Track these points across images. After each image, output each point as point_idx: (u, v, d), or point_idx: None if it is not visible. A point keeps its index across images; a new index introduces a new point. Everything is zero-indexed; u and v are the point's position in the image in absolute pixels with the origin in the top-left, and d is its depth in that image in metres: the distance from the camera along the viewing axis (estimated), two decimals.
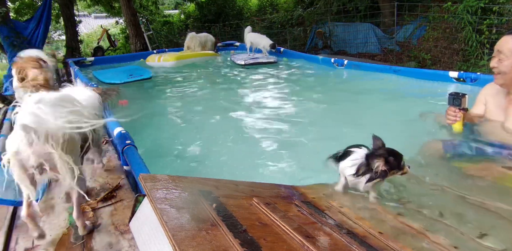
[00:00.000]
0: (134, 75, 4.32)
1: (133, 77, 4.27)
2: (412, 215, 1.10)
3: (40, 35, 6.21)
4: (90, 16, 15.64)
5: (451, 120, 1.83)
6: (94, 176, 1.66)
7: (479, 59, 5.08)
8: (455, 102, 1.86)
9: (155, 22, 10.48)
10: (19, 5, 8.55)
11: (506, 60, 1.59)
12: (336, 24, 7.92)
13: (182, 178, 1.13)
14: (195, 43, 6.01)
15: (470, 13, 5.05)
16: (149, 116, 2.89)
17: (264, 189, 1.23)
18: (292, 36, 8.56)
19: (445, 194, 1.30)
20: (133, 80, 4.20)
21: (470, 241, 0.96)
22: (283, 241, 0.87)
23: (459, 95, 1.85)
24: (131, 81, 4.17)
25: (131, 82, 4.14)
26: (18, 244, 1.16)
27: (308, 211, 1.07)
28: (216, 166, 1.92)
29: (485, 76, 2.74)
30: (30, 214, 1.09)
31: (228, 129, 2.55)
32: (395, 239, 0.95)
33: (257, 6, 11.11)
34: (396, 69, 3.47)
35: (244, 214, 0.97)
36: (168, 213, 0.88)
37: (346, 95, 3.17)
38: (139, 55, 6.30)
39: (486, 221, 1.10)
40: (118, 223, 1.23)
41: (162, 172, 1.62)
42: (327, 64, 4.34)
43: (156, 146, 2.22)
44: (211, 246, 0.78)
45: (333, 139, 2.18)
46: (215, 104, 3.20)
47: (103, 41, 10.43)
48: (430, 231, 0.99)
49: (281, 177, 1.73)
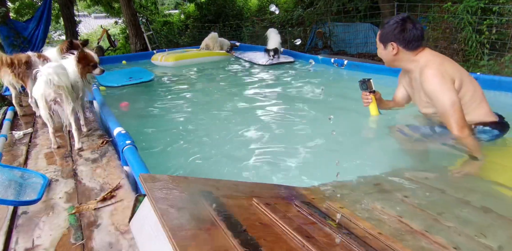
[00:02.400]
0: (133, 78, 4.25)
1: (132, 80, 4.20)
2: (412, 215, 1.11)
3: (40, 35, 6.22)
4: (90, 16, 15.66)
5: (366, 103, 2.14)
6: (94, 176, 1.66)
7: (479, 59, 5.08)
8: (363, 87, 2.19)
9: (155, 22, 10.48)
10: (19, 5, 8.56)
11: (378, 48, 1.94)
12: (336, 24, 7.92)
13: (182, 178, 1.13)
14: (214, 44, 5.91)
15: (470, 13, 5.05)
16: (149, 116, 2.89)
17: (264, 190, 1.23)
18: (292, 36, 8.56)
19: (443, 193, 1.31)
20: (131, 83, 4.12)
21: (470, 241, 0.96)
22: (283, 241, 0.87)
23: (365, 80, 2.17)
24: (128, 84, 4.10)
25: (129, 85, 4.07)
26: (18, 244, 1.16)
27: (308, 212, 1.07)
28: (216, 166, 1.92)
29: (485, 76, 2.74)
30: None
31: (228, 129, 2.55)
32: (394, 239, 0.95)
33: (257, 6, 11.11)
34: (396, 70, 3.46)
35: (244, 214, 0.97)
36: (168, 213, 0.88)
37: (346, 96, 3.17)
38: (140, 55, 6.32)
39: (485, 221, 1.10)
40: (118, 223, 1.23)
41: (162, 172, 1.63)
42: (327, 65, 4.35)
43: (157, 146, 2.22)
44: (211, 246, 0.78)
45: (333, 138, 2.18)
46: (216, 104, 3.20)
47: (103, 41, 10.43)
48: (430, 231, 1.00)
49: (281, 177, 1.73)
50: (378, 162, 1.81)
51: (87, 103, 2.70)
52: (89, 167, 1.77)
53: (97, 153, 1.94)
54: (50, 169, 1.76)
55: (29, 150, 2.05)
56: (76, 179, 1.64)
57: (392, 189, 1.36)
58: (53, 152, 2.00)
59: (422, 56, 1.81)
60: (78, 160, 1.87)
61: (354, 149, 2.00)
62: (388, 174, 1.55)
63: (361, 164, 1.81)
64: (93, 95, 2.77)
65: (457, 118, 1.65)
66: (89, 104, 2.84)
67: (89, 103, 2.90)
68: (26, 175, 1.61)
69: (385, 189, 1.36)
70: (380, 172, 1.58)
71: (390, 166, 1.69)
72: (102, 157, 1.88)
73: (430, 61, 1.76)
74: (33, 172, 1.65)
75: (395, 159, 1.82)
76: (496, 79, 2.71)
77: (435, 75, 1.70)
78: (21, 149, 2.06)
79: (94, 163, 1.81)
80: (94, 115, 2.60)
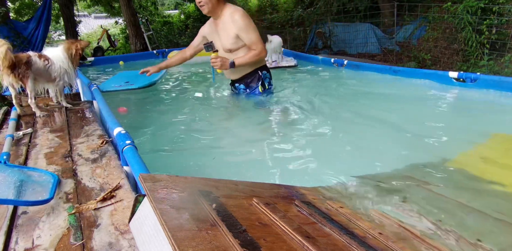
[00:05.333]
0: (130, 83, 3.84)
1: (127, 85, 3.76)
2: (412, 218, 1.11)
3: (40, 35, 6.22)
4: (90, 16, 15.66)
5: (215, 65, 2.60)
6: (93, 176, 1.66)
7: (479, 60, 5.09)
8: (209, 49, 2.59)
9: (155, 22, 10.48)
10: (19, 5, 8.56)
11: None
12: (336, 24, 7.92)
13: (182, 178, 1.13)
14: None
15: (470, 14, 5.05)
16: (149, 116, 2.89)
17: (264, 189, 1.23)
18: (292, 36, 8.56)
19: (444, 194, 1.30)
20: (124, 89, 3.69)
21: (470, 246, 0.96)
22: (283, 241, 0.87)
23: (209, 43, 2.61)
24: (121, 90, 3.68)
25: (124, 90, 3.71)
26: (18, 244, 1.16)
27: (308, 211, 1.07)
28: (216, 166, 1.92)
29: (485, 76, 2.74)
30: None
31: (228, 129, 2.55)
32: (395, 239, 0.95)
33: (257, 6, 11.10)
34: (396, 70, 3.47)
35: (244, 214, 0.97)
36: (167, 213, 0.88)
37: (346, 96, 3.17)
38: (139, 55, 6.29)
39: (485, 224, 1.10)
40: (118, 223, 1.23)
41: (162, 172, 1.63)
42: (327, 65, 4.34)
43: (157, 146, 2.21)
44: (211, 246, 0.78)
45: (333, 139, 2.18)
46: (216, 105, 3.20)
47: (103, 41, 10.43)
48: (429, 234, 0.99)
49: (281, 177, 1.73)
50: (378, 162, 1.80)
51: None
52: (89, 167, 1.77)
53: (97, 153, 1.94)
54: (50, 169, 1.76)
55: (29, 150, 2.05)
56: (76, 179, 1.64)
57: (392, 189, 1.36)
58: (53, 152, 2.00)
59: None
60: (78, 160, 1.87)
61: (354, 149, 2.00)
62: (388, 174, 1.55)
63: (361, 164, 1.81)
64: (93, 95, 2.77)
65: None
66: (88, 104, 2.85)
67: (89, 103, 2.89)
68: (36, 174, 1.60)
69: (386, 189, 1.36)
70: (380, 172, 1.58)
71: (390, 166, 1.68)
72: (102, 157, 1.88)
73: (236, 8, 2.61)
74: (42, 170, 1.65)
75: (395, 159, 1.82)
76: (496, 79, 2.71)
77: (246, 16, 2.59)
78: (21, 149, 2.06)
79: (94, 163, 1.81)
80: (94, 115, 2.60)
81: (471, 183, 1.48)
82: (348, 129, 2.31)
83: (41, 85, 2.61)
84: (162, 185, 1.03)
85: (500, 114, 2.39)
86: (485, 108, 2.52)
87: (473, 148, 1.88)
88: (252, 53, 2.63)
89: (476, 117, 2.39)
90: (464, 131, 2.16)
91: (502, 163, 1.69)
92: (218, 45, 2.70)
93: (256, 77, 2.93)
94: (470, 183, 1.49)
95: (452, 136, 2.08)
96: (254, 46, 2.60)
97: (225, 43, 2.68)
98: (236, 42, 2.63)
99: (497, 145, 1.90)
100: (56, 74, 2.59)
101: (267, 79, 2.99)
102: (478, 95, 2.69)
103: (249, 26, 2.57)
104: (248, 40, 2.59)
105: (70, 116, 2.59)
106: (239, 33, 2.57)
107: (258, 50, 2.61)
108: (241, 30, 2.57)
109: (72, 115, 2.62)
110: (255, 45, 2.60)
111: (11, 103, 2.82)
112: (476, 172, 1.57)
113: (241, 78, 2.96)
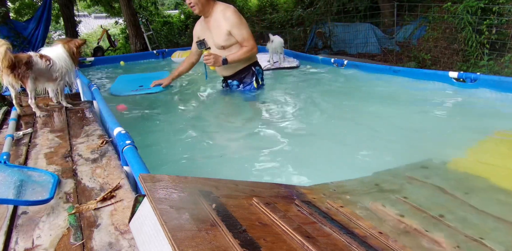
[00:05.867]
0: (144, 87, 3.46)
1: (144, 89, 3.39)
2: (412, 215, 1.10)
3: (40, 35, 6.21)
4: (90, 16, 15.66)
5: (210, 61, 2.69)
6: (93, 176, 1.66)
7: (479, 60, 5.09)
8: (202, 47, 2.69)
9: (155, 22, 10.48)
10: (19, 5, 8.56)
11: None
12: (336, 25, 7.92)
13: (182, 178, 1.13)
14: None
15: (470, 14, 5.05)
16: (149, 116, 2.89)
17: (264, 189, 1.23)
18: (292, 36, 8.56)
19: (444, 193, 1.30)
20: (143, 93, 3.35)
21: (472, 242, 0.96)
22: (283, 241, 0.87)
23: (201, 40, 2.69)
24: (139, 94, 3.36)
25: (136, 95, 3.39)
26: (18, 244, 1.16)
27: (308, 211, 1.07)
28: (216, 166, 1.92)
29: (485, 77, 2.74)
30: None
31: (228, 129, 2.55)
32: (395, 239, 0.95)
33: (257, 6, 11.10)
34: (396, 70, 3.46)
35: (244, 214, 0.96)
36: (167, 213, 0.87)
37: (346, 96, 3.17)
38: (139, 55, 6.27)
39: (487, 221, 1.10)
40: (118, 223, 1.23)
41: (162, 172, 1.62)
42: (327, 64, 4.34)
43: (157, 146, 2.21)
44: (211, 246, 0.78)
45: (333, 139, 2.18)
46: (217, 104, 3.20)
47: (103, 41, 10.44)
48: (431, 231, 0.99)
49: (281, 177, 1.73)
50: (378, 161, 1.80)
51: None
52: (89, 167, 1.77)
53: (97, 153, 1.93)
54: (50, 169, 1.76)
55: (29, 150, 2.05)
56: (76, 179, 1.64)
57: (392, 188, 1.36)
58: (53, 152, 2.00)
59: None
60: (78, 160, 1.87)
61: (354, 148, 2.00)
62: (388, 173, 1.55)
63: (361, 163, 1.81)
64: (93, 95, 2.77)
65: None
66: (88, 104, 2.85)
67: (89, 103, 2.89)
68: (36, 174, 1.61)
69: (386, 188, 1.36)
70: (380, 171, 1.58)
71: (390, 165, 1.68)
72: (102, 157, 1.88)
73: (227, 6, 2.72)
74: (42, 170, 1.65)
75: (395, 158, 1.82)
76: (496, 79, 2.71)
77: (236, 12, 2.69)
78: (21, 149, 2.06)
79: (94, 163, 1.81)
80: (94, 115, 2.60)
81: (471, 183, 1.48)
82: (348, 128, 2.31)
83: (42, 85, 2.61)
84: (162, 185, 1.03)
85: (500, 114, 2.39)
86: (485, 108, 2.52)
87: (473, 148, 1.88)
88: (244, 50, 2.70)
89: (476, 117, 2.39)
90: (464, 130, 2.16)
91: (502, 162, 1.69)
92: (211, 42, 2.78)
93: (250, 73, 2.99)
94: (470, 182, 1.48)
95: (452, 136, 2.08)
96: (245, 42, 2.69)
97: (218, 40, 2.76)
98: (228, 39, 2.71)
99: (497, 145, 1.90)
100: (57, 74, 2.58)
101: (260, 74, 3.06)
102: (478, 95, 2.69)
103: (241, 22, 2.67)
104: (240, 37, 2.68)
105: (70, 116, 2.58)
106: (232, 29, 2.66)
107: (249, 46, 2.69)
108: (234, 27, 2.65)
109: (72, 115, 2.62)
110: (246, 42, 2.69)
111: (11, 103, 2.82)
112: (477, 171, 1.57)
113: (234, 75, 3.01)
